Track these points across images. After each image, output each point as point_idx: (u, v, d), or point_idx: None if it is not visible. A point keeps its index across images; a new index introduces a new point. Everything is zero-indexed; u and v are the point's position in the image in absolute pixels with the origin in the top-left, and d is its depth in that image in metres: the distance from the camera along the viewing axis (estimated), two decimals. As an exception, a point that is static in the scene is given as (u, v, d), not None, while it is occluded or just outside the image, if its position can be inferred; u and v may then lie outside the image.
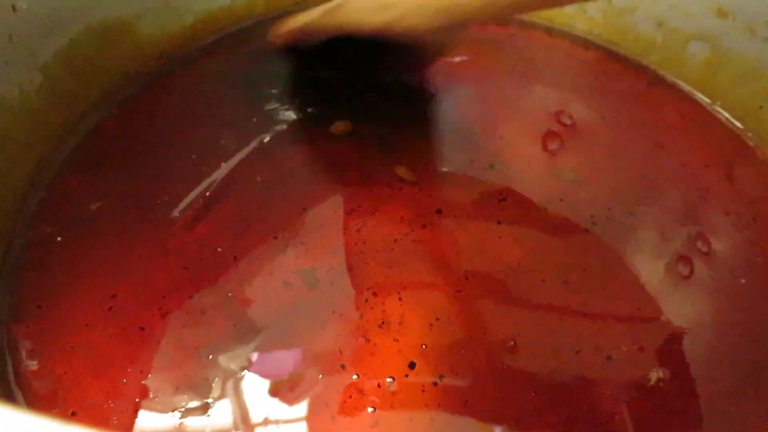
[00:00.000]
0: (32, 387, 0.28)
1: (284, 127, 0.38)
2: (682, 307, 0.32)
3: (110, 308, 0.30)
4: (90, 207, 0.34)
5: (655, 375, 0.29)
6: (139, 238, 0.33)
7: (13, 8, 0.31)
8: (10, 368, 0.28)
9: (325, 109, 0.39)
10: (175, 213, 0.34)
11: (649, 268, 0.33)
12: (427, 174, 0.36)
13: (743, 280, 0.33)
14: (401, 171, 0.36)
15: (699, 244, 0.35)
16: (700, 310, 0.32)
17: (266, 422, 0.27)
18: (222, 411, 0.27)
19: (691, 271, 0.33)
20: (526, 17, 0.46)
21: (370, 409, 0.27)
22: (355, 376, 0.28)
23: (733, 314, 0.32)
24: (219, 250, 0.32)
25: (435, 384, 0.28)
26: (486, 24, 0.46)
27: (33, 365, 0.28)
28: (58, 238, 0.33)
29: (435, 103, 0.40)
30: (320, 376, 0.28)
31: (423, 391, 0.28)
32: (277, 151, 0.37)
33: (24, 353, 0.29)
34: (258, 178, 0.36)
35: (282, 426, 0.27)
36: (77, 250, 0.32)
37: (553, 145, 0.39)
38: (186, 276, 0.31)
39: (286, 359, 0.29)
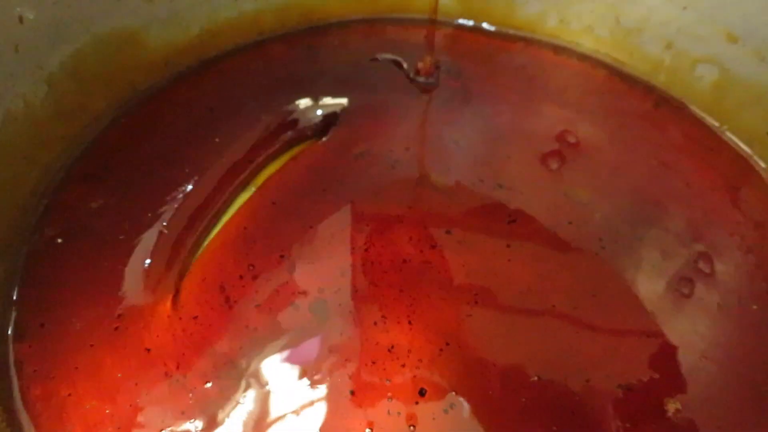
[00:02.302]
0: (37, 409, 0.27)
1: (290, 142, 0.38)
2: (692, 334, 0.32)
3: (116, 328, 0.30)
4: (93, 221, 0.34)
5: (673, 406, 0.28)
6: (144, 255, 0.32)
7: (20, 19, 0.31)
8: (16, 389, 0.27)
9: (332, 128, 0.39)
10: (176, 230, 0.33)
11: (659, 294, 0.33)
12: (437, 193, 0.36)
13: (754, 306, 0.33)
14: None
15: (701, 264, 0.35)
16: (710, 336, 0.32)
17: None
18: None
19: (699, 296, 0.33)
20: (533, 35, 0.46)
21: (380, 438, 0.27)
22: (363, 403, 0.28)
23: (742, 340, 0.32)
24: (224, 269, 0.32)
25: (446, 412, 0.28)
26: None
27: (37, 386, 0.28)
28: (61, 253, 0.32)
29: (443, 123, 0.40)
30: (328, 401, 0.28)
31: (434, 419, 0.27)
32: (283, 166, 0.37)
33: (28, 373, 0.28)
34: (263, 195, 0.35)
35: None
36: (81, 266, 0.32)
37: (560, 165, 0.38)
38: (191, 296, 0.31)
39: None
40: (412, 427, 0.27)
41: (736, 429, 0.28)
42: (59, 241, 0.33)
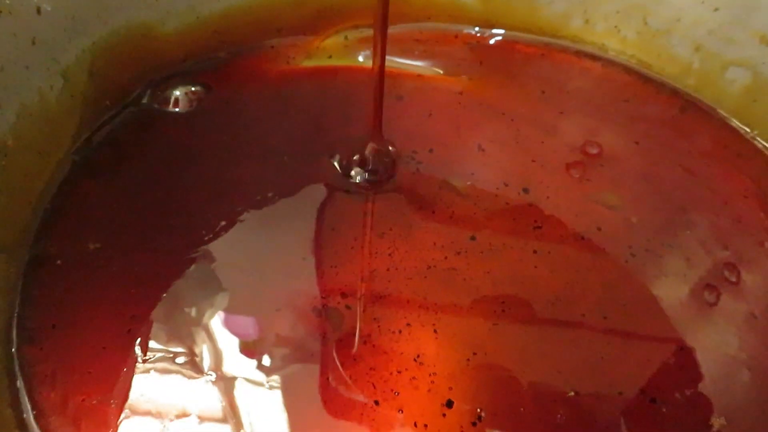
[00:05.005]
0: (48, 417, 0.26)
1: (308, 144, 0.37)
2: (726, 347, 0.30)
3: (129, 330, 0.29)
4: (106, 219, 0.33)
5: (717, 422, 0.27)
6: (158, 253, 0.31)
7: (38, 10, 0.30)
8: (24, 396, 0.26)
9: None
10: (193, 230, 0.32)
11: (689, 304, 0.32)
12: (461, 197, 0.35)
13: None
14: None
15: (727, 273, 0.34)
16: (746, 348, 0.30)
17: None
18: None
19: (729, 306, 0.32)
20: (556, 40, 0.45)
21: (405, 452, 0.26)
22: (388, 414, 0.27)
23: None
24: (244, 272, 0.31)
25: (474, 424, 0.27)
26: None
27: (50, 391, 0.27)
28: (73, 252, 0.31)
29: (467, 126, 0.39)
30: (352, 411, 0.27)
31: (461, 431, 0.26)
32: (300, 169, 0.36)
33: (40, 378, 0.27)
34: (285, 196, 0.34)
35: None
36: (93, 266, 0.31)
37: (585, 170, 0.37)
38: (211, 296, 0.30)
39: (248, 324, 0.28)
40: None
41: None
42: (72, 239, 0.32)
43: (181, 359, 0.28)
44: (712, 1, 0.40)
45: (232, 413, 0.27)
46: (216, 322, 0.29)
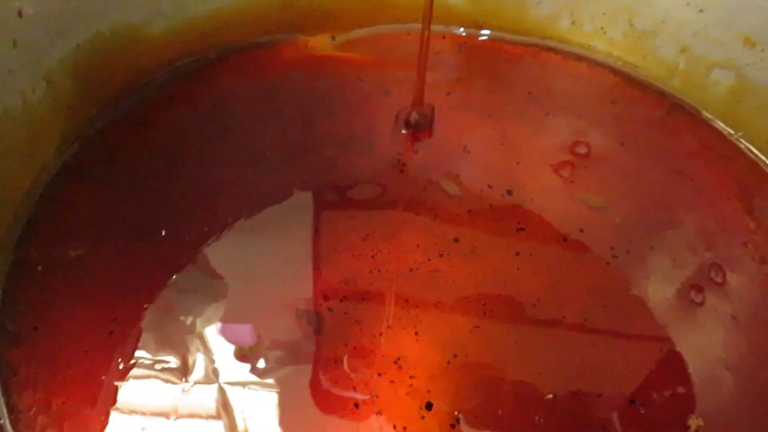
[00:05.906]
0: (26, 420, 0.26)
1: (295, 145, 0.37)
2: (708, 346, 0.31)
3: (111, 333, 0.29)
4: (89, 221, 0.33)
5: (695, 422, 0.27)
6: (140, 257, 0.31)
7: (20, 13, 0.30)
8: (1, 399, 0.26)
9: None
10: (180, 233, 0.32)
11: (671, 306, 0.32)
12: (445, 198, 0.35)
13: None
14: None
15: (713, 274, 0.34)
16: (728, 348, 0.31)
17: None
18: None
19: (712, 307, 0.32)
20: (544, 41, 0.45)
21: (385, 454, 0.26)
22: (368, 416, 0.27)
23: (761, 352, 0.31)
24: (227, 274, 0.31)
25: (452, 426, 0.27)
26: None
27: (27, 395, 0.27)
28: (56, 254, 0.31)
29: (452, 127, 0.39)
30: (331, 414, 0.27)
31: (441, 434, 0.27)
32: (287, 170, 0.36)
33: (18, 381, 0.27)
34: (267, 199, 0.34)
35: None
36: (75, 267, 0.31)
37: (570, 172, 0.37)
38: (192, 300, 0.30)
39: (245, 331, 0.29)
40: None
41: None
42: (55, 241, 0.32)
43: (162, 364, 0.28)
44: (697, 3, 0.40)
45: (210, 417, 0.27)
46: (198, 325, 0.29)
